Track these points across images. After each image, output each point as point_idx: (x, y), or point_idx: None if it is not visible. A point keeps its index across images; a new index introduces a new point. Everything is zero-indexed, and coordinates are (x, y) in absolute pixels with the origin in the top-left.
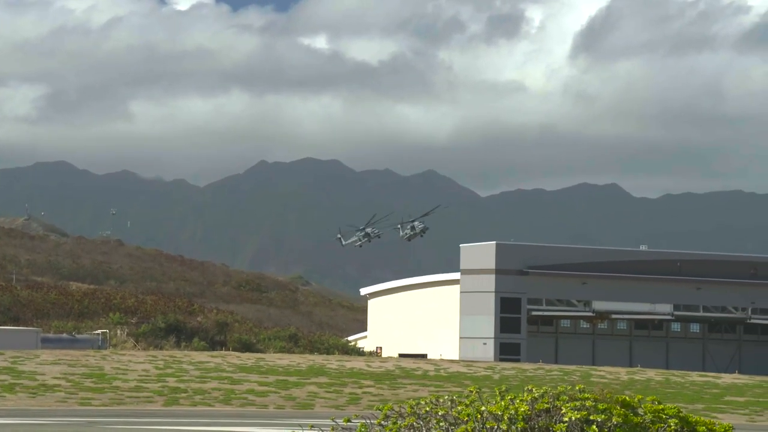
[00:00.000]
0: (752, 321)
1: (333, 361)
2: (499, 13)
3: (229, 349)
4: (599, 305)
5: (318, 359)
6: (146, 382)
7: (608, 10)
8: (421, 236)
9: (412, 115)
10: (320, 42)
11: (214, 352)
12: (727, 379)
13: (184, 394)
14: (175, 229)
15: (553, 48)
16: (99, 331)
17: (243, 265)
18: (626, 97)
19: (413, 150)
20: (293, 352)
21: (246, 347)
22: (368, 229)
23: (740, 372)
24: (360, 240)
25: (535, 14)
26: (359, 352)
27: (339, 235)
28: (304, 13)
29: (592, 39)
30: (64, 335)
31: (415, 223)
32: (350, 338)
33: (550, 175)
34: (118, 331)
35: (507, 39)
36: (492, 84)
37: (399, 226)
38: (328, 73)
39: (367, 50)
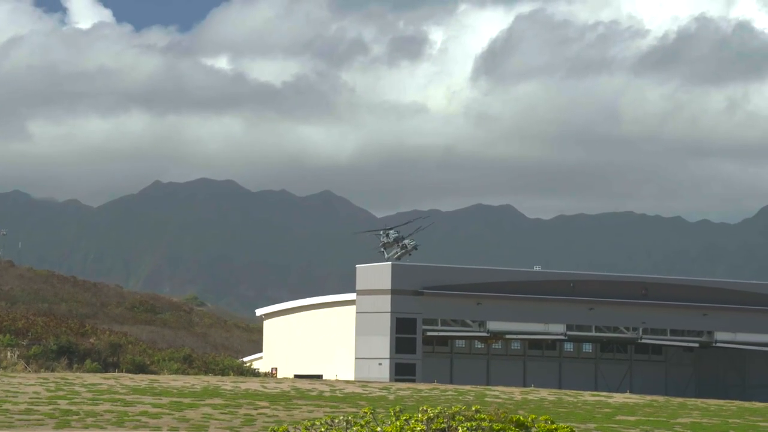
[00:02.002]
0: (643, 341)
1: (228, 383)
2: (402, 35)
3: (122, 371)
4: (494, 325)
5: (213, 380)
6: (37, 405)
7: (509, 33)
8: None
9: (313, 136)
10: (223, 62)
11: (107, 374)
12: (618, 398)
13: (75, 417)
14: (68, 250)
15: (454, 70)
16: None
17: (137, 286)
18: (526, 119)
19: (312, 171)
20: (188, 374)
21: (139, 369)
22: (406, 241)
23: (631, 391)
24: (398, 252)
25: (437, 36)
26: (254, 373)
27: (382, 249)
28: (207, 34)
29: (493, 61)
30: None
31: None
32: (245, 359)
33: (447, 195)
34: (8, 354)
35: (409, 61)
36: (394, 105)
37: (382, 247)
38: (230, 94)
39: (271, 71)
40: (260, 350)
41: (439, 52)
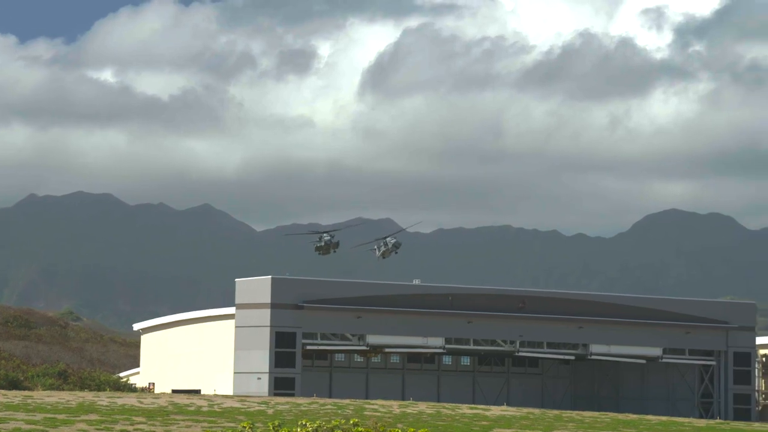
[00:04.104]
0: (520, 354)
1: (104, 398)
2: (290, 48)
3: None
4: (373, 339)
5: (88, 396)
6: None
7: (396, 47)
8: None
9: (199, 150)
10: (109, 75)
11: None
12: (495, 411)
13: None
14: None
15: (342, 84)
16: None
17: (11, 301)
18: (412, 133)
19: (195, 185)
20: (62, 389)
21: (13, 385)
22: (388, 239)
23: (508, 404)
24: (382, 249)
25: (324, 50)
26: (131, 389)
27: (375, 248)
28: (93, 46)
29: (380, 75)
30: None
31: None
32: (122, 374)
33: (329, 209)
34: None
35: (297, 74)
36: (280, 119)
37: (375, 246)
38: (117, 107)
39: (158, 84)
40: (138, 365)
41: (326, 65)
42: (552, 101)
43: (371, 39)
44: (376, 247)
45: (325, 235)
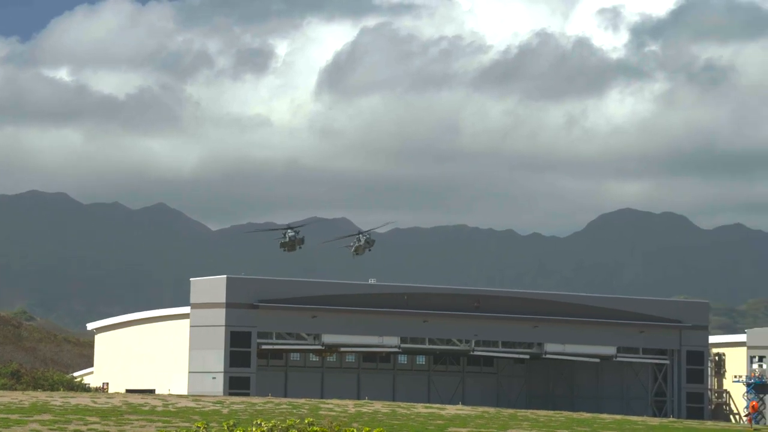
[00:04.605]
0: (475, 353)
1: (57, 398)
2: (248, 47)
3: None
4: (329, 338)
5: (41, 396)
6: None
7: (354, 46)
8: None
9: (156, 149)
10: (65, 74)
11: None
12: (451, 410)
13: None
14: None
15: (299, 83)
16: None
17: None
18: (370, 133)
19: (151, 184)
20: (15, 389)
21: None
22: (360, 234)
23: (463, 403)
24: (362, 246)
25: (282, 49)
26: (85, 388)
27: (351, 244)
28: (48, 44)
29: (337, 74)
30: None
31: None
32: (76, 374)
33: (284, 209)
34: None
35: (254, 74)
36: (237, 118)
37: (350, 243)
38: (72, 106)
39: (114, 83)
40: (91, 365)
41: (283, 65)
42: (509, 101)
43: (329, 38)
44: (352, 243)
45: (289, 231)
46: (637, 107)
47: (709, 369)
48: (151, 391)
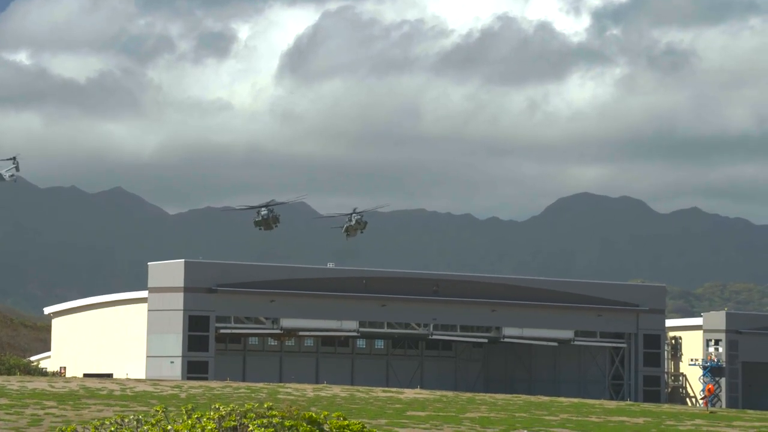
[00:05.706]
0: (434, 337)
1: (14, 382)
2: (209, 31)
3: None
4: (287, 322)
5: None
6: None
7: (315, 30)
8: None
9: (116, 134)
10: (24, 57)
11: None
12: (409, 394)
13: None
14: None
15: (260, 67)
16: None
17: None
18: (331, 117)
19: (110, 168)
20: None
21: None
22: (354, 214)
23: (422, 387)
24: (353, 227)
25: (243, 33)
26: (42, 373)
27: (344, 224)
28: (8, 27)
29: (299, 58)
30: None
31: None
32: (33, 358)
33: (244, 193)
34: None
35: (216, 58)
36: (198, 102)
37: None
38: (32, 90)
39: (74, 67)
40: (48, 349)
41: (245, 48)
42: (470, 85)
43: (290, 22)
44: (343, 224)
45: (262, 209)
46: (597, 91)
47: (665, 352)
48: (109, 376)
